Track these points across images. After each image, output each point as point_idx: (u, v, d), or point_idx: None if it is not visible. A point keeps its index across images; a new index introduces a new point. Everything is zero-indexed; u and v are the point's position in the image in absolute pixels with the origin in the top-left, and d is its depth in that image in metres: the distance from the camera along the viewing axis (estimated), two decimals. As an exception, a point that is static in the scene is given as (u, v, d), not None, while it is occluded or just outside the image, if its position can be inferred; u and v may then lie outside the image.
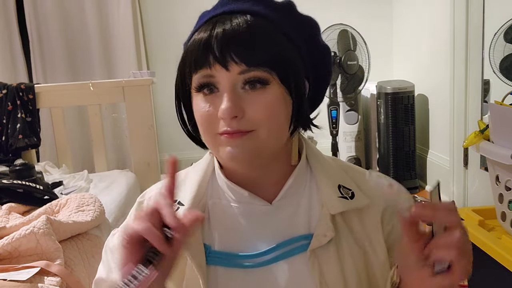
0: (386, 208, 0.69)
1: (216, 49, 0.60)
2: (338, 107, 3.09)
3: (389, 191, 0.58)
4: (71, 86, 2.59)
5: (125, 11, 3.34)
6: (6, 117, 2.45)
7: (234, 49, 0.60)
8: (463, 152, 2.56)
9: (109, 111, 3.35)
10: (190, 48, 0.63)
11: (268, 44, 0.62)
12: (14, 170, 1.82)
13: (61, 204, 1.59)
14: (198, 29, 0.64)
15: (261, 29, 0.62)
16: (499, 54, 2.32)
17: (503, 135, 1.34)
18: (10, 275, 1.17)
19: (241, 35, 0.60)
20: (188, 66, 0.63)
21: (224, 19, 0.62)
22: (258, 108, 0.61)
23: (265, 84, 0.61)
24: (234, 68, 0.60)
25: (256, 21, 0.62)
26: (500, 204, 1.40)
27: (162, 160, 2.67)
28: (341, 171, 0.73)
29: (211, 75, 0.61)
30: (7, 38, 3.32)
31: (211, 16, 0.64)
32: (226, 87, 0.61)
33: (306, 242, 0.66)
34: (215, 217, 0.70)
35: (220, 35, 0.60)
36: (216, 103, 0.62)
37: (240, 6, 0.64)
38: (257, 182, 0.68)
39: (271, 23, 0.64)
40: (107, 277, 0.72)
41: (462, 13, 2.46)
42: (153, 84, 2.53)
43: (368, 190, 0.70)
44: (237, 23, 0.61)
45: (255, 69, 0.60)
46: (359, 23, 3.15)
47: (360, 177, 0.72)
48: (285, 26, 0.65)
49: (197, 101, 0.64)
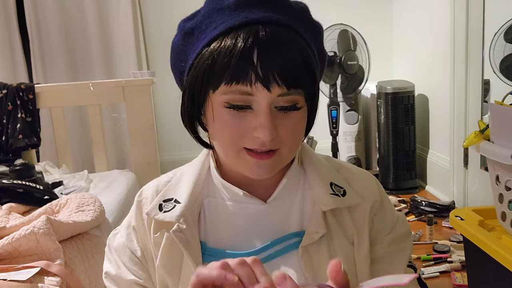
0: (373, 205, 0.71)
1: (259, 66, 0.57)
2: (338, 107, 3.09)
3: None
4: (71, 86, 2.59)
5: (125, 11, 3.34)
6: (6, 117, 2.45)
7: (278, 70, 0.58)
8: (463, 152, 2.56)
9: (109, 111, 3.35)
10: (222, 55, 0.59)
11: (305, 66, 0.61)
12: (14, 170, 1.82)
13: (61, 204, 1.59)
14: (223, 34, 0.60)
15: (297, 46, 0.60)
16: (499, 54, 2.32)
17: (503, 135, 1.34)
18: (10, 275, 1.17)
19: (284, 55, 0.58)
20: (220, 74, 0.59)
21: (257, 30, 0.59)
22: (288, 127, 0.61)
23: (299, 108, 0.62)
24: (275, 89, 0.59)
25: (291, 38, 0.60)
26: (500, 204, 1.40)
27: (161, 160, 2.66)
28: (333, 170, 0.74)
29: (250, 93, 0.59)
30: (7, 38, 3.32)
31: (242, 21, 0.60)
32: (265, 108, 0.59)
33: (298, 239, 0.67)
34: (210, 215, 0.71)
35: (262, 51, 0.57)
36: (248, 120, 0.60)
37: (267, 14, 0.61)
38: (252, 181, 0.69)
39: (302, 38, 0.62)
40: (118, 274, 0.73)
41: (462, 13, 2.46)
42: (153, 84, 2.53)
43: (359, 189, 0.72)
44: (276, 39, 0.58)
45: (293, 91, 0.60)
46: (359, 23, 3.15)
47: (352, 176, 0.74)
48: (309, 39, 0.64)
49: (225, 113, 0.61)
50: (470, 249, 1.53)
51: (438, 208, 2.55)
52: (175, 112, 0.69)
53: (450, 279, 1.89)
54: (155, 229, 0.71)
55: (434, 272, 1.94)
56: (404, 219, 0.76)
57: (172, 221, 0.68)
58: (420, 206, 2.60)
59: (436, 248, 2.15)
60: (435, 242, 2.21)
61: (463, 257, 1.92)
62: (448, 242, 2.21)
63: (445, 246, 2.15)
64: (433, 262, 2.04)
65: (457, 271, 1.94)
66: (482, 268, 1.48)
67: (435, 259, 2.05)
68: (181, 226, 0.67)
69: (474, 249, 1.44)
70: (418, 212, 2.58)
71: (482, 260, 1.41)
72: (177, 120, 0.70)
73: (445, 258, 2.05)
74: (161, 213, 0.69)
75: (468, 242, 1.49)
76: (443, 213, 2.51)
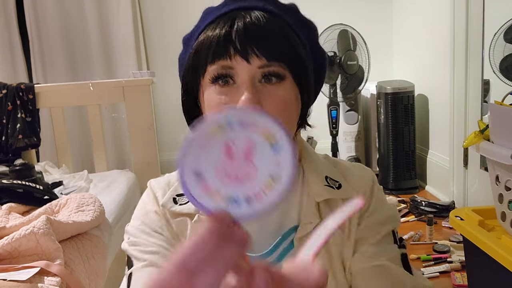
0: (364, 195, 0.73)
1: (238, 41, 0.61)
2: (338, 107, 3.09)
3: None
4: (71, 86, 2.59)
5: (125, 11, 3.34)
6: (6, 117, 2.45)
7: (256, 43, 0.61)
8: (463, 152, 2.56)
9: (109, 111, 3.35)
10: (206, 41, 0.63)
11: (286, 40, 0.63)
12: (14, 170, 1.82)
13: (61, 204, 1.59)
14: (209, 24, 0.65)
15: (279, 25, 0.64)
16: (499, 54, 2.32)
17: (503, 135, 1.34)
18: (10, 275, 1.17)
19: (262, 29, 0.62)
20: (204, 57, 0.63)
21: (243, 14, 0.63)
22: (274, 102, 0.62)
23: (281, 79, 0.62)
24: (254, 61, 0.61)
25: (273, 18, 0.64)
26: (500, 204, 1.40)
27: (161, 160, 2.66)
28: (330, 166, 0.76)
29: (231, 66, 0.61)
30: (7, 38, 3.32)
31: (225, 11, 0.65)
32: (246, 80, 0.61)
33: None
34: None
35: (242, 28, 0.61)
36: (232, 94, 0.62)
37: (254, 3, 0.65)
38: None
39: (285, 21, 0.66)
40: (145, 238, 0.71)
41: (462, 13, 2.46)
42: (153, 84, 2.52)
43: (355, 183, 0.73)
44: (256, 18, 0.62)
45: (274, 63, 0.61)
46: (359, 23, 3.15)
47: (348, 171, 0.76)
48: (299, 32, 0.67)
49: (210, 91, 0.63)
50: (470, 249, 1.53)
51: (438, 208, 2.55)
52: (175, 112, 0.70)
53: (450, 279, 1.89)
54: (174, 216, 0.71)
55: (434, 272, 1.94)
56: (394, 209, 0.77)
57: (191, 212, 0.70)
58: (420, 206, 2.60)
59: (436, 248, 2.15)
60: (435, 242, 2.21)
61: (463, 257, 1.92)
62: (448, 242, 2.21)
63: (445, 246, 2.15)
64: (433, 262, 2.04)
65: (457, 271, 1.94)
66: (482, 268, 1.48)
67: (435, 259, 2.05)
68: (201, 217, 0.69)
69: (474, 249, 1.44)
70: (418, 212, 2.58)
71: (482, 260, 1.41)
72: (177, 119, 0.71)
73: (445, 258, 2.05)
74: (178, 206, 0.71)
75: (468, 242, 1.49)
76: (443, 213, 2.51)
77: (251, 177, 0.38)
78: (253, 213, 0.38)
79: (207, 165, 0.38)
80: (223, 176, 0.38)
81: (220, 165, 0.38)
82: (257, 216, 0.38)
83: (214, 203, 0.38)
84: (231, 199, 0.38)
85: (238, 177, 0.38)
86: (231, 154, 0.38)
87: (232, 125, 0.37)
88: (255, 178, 0.38)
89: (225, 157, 0.38)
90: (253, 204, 0.38)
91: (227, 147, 0.38)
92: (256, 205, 0.38)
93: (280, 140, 0.37)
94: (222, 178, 0.38)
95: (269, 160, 0.38)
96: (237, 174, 0.38)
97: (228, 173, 0.38)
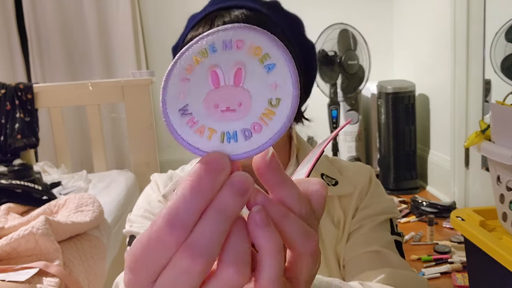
0: (362, 189, 0.73)
1: None
2: (338, 107, 3.08)
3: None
4: (70, 86, 2.58)
5: (124, 11, 3.33)
6: (5, 117, 2.44)
7: None
8: (464, 152, 2.56)
9: (108, 111, 3.34)
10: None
11: None
12: (13, 170, 1.81)
13: (60, 205, 1.58)
14: (191, 30, 0.66)
15: (260, 22, 0.64)
16: (500, 54, 2.31)
17: (504, 135, 1.33)
18: (9, 276, 1.16)
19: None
20: None
21: (222, 14, 0.63)
22: None
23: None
24: None
25: (253, 14, 0.64)
26: (501, 204, 1.39)
27: (161, 160, 2.66)
28: (326, 163, 0.76)
29: None
30: (5, 38, 3.31)
31: (207, 13, 0.66)
32: None
33: None
34: None
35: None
36: None
37: (234, 2, 0.65)
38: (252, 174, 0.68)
39: (266, 16, 0.66)
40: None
41: (463, 13, 2.45)
42: (152, 83, 2.52)
43: (351, 178, 0.73)
44: (236, 16, 0.63)
45: None
46: (359, 22, 3.14)
47: (344, 167, 0.76)
48: (277, 21, 0.67)
49: None
50: (471, 250, 1.52)
51: (439, 208, 2.55)
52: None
53: (451, 280, 1.89)
54: None
55: (435, 273, 1.94)
56: (391, 200, 0.76)
57: None
58: (421, 207, 2.59)
59: (437, 248, 2.14)
60: (436, 242, 2.21)
61: (464, 258, 1.91)
62: (449, 242, 2.20)
63: (446, 246, 2.14)
64: (434, 262, 2.03)
65: (458, 271, 1.94)
66: (483, 269, 1.47)
67: (436, 260, 2.05)
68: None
69: (475, 250, 1.43)
70: (419, 212, 2.58)
71: (483, 261, 1.40)
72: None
73: (446, 258, 2.05)
74: None
75: (469, 243, 1.48)
76: (444, 214, 2.50)
77: (246, 106, 0.32)
78: (253, 149, 0.32)
79: (192, 99, 0.32)
80: (212, 109, 0.32)
81: (208, 97, 0.32)
82: (259, 151, 0.32)
83: (206, 142, 0.32)
84: (225, 135, 0.32)
85: (229, 108, 0.32)
86: (217, 82, 0.32)
87: (216, 48, 0.32)
88: (250, 106, 0.32)
89: (211, 87, 0.32)
90: (252, 137, 0.32)
91: (212, 75, 0.32)
92: (256, 138, 0.32)
93: (273, 56, 0.32)
94: (212, 111, 0.32)
95: (263, 81, 0.32)
96: (229, 104, 0.32)
97: (217, 105, 0.32)
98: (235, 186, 0.29)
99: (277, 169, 0.31)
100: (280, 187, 0.31)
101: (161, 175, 0.80)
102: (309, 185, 0.34)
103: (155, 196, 0.75)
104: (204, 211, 0.29)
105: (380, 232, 0.70)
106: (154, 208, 0.73)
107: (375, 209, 0.72)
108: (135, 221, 0.73)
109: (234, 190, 0.29)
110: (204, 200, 0.29)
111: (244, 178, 0.30)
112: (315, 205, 0.33)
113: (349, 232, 0.71)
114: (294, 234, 0.30)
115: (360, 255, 0.67)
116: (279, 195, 0.31)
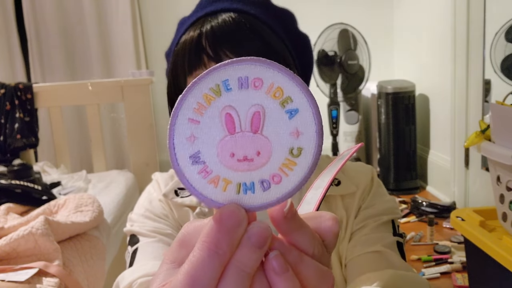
0: (364, 189, 0.74)
1: (209, 48, 0.61)
2: (338, 107, 3.08)
3: None
4: (69, 86, 2.58)
5: (124, 10, 3.33)
6: (4, 117, 2.44)
7: (226, 45, 0.61)
8: (464, 152, 2.55)
9: (108, 111, 3.34)
10: (180, 51, 0.64)
11: (256, 36, 0.63)
12: (12, 170, 1.81)
13: (59, 205, 1.58)
14: (181, 36, 0.66)
15: (247, 23, 0.64)
16: (500, 54, 2.31)
17: (504, 135, 1.33)
18: (8, 276, 1.16)
19: (230, 30, 0.62)
20: (181, 69, 0.64)
21: (210, 19, 0.64)
22: None
23: None
24: None
25: (240, 17, 0.64)
26: (501, 204, 1.39)
27: (161, 160, 2.65)
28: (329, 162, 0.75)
29: None
30: (5, 38, 3.31)
31: (196, 18, 0.66)
32: None
33: None
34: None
35: (210, 33, 0.62)
36: None
37: (221, 5, 0.66)
38: None
39: (254, 17, 0.66)
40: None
41: (463, 13, 2.45)
42: (152, 83, 2.51)
43: (354, 178, 0.74)
44: (223, 20, 0.63)
45: None
46: (359, 22, 3.14)
47: (348, 168, 0.76)
48: (266, 20, 0.67)
49: None
50: (471, 250, 1.52)
51: (439, 208, 2.54)
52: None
53: (451, 280, 1.88)
54: (176, 207, 0.73)
55: (435, 273, 1.93)
56: (394, 201, 0.77)
57: (193, 205, 0.71)
58: (420, 207, 2.59)
59: (437, 249, 2.14)
60: (435, 243, 2.20)
61: (464, 258, 1.91)
62: (449, 242, 2.20)
63: (446, 247, 2.14)
64: (434, 263, 2.03)
65: (458, 272, 1.93)
66: (483, 269, 1.47)
67: (436, 260, 2.04)
68: (203, 209, 0.70)
69: (475, 250, 1.43)
70: (418, 212, 2.57)
71: (483, 261, 1.40)
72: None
73: (446, 259, 2.05)
74: (179, 198, 0.72)
75: (469, 243, 1.48)
76: (444, 214, 2.50)
77: (264, 155, 0.29)
78: (272, 201, 0.29)
79: (204, 145, 0.29)
80: (228, 158, 0.29)
81: (222, 144, 0.29)
82: (277, 203, 0.29)
83: (220, 194, 0.29)
84: (242, 185, 0.29)
85: (247, 157, 0.29)
86: (233, 127, 0.29)
87: (230, 86, 0.29)
88: (270, 155, 0.29)
89: (226, 132, 0.29)
90: (270, 189, 0.29)
91: (227, 118, 0.29)
92: (275, 190, 0.29)
93: (295, 99, 0.29)
94: (227, 160, 0.29)
95: (284, 128, 0.29)
96: (246, 153, 0.29)
97: (233, 153, 0.29)
98: (253, 241, 0.28)
99: (294, 218, 0.30)
100: (294, 233, 0.30)
101: (163, 174, 0.80)
102: (321, 221, 0.32)
103: (155, 195, 0.76)
104: (225, 269, 0.28)
105: (383, 233, 0.70)
106: (156, 208, 0.74)
107: (378, 209, 0.72)
108: (136, 220, 0.74)
109: (253, 245, 0.28)
110: (223, 260, 0.28)
111: (261, 230, 0.28)
112: (328, 243, 0.32)
113: (352, 232, 0.71)
114: (311, 276, 0.30)
115: (362, 256, 0.67)
116: (292, 240, 0.30)
